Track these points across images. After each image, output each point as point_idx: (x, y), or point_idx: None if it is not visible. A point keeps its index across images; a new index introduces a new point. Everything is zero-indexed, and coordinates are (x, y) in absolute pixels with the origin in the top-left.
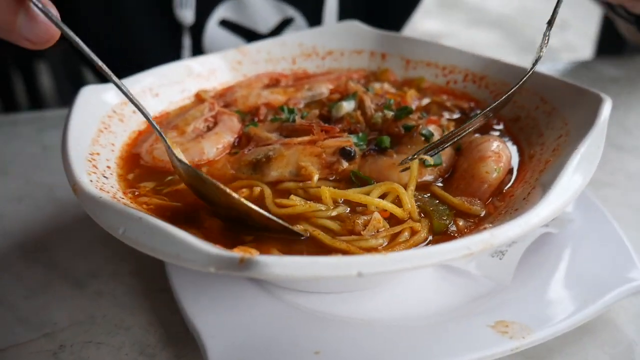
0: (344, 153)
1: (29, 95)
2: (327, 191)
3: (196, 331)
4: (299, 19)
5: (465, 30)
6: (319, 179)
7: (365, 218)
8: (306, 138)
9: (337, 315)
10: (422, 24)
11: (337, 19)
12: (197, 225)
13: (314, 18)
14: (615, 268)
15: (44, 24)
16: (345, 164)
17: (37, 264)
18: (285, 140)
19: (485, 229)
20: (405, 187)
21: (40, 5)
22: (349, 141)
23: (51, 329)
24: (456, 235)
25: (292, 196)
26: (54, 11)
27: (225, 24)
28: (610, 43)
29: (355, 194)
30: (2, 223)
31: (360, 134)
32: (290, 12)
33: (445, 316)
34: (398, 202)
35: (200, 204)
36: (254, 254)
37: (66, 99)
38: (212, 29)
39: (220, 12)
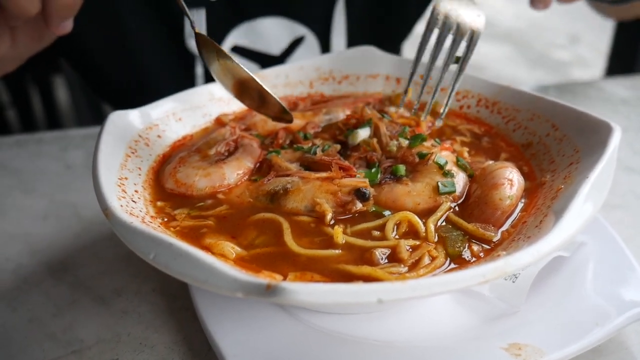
0: (359, 194)
1: (46, 109)
2: (340, 232)
3: (219, 350)
4: (309, 36)
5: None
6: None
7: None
8: (324, 174)
9: (355, 336)
10: (432, 38)
11: (345, 35)
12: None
13: (324, 35)
14: (626, 291)
15: None
16: (359, 205)
17: (63, 282)
18: (304, 174)
19: (499, 256)
20: (422, 213)
21: None
22: (365, 182)
23: (79, 346)
24: (471, 259)
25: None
26: None
27: (237, 49)
28: (621, 61)
29: (368, 241)
30: (29, 241)
31: (373, 170)
32: (301, 30)
33: (459, 338)
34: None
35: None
36: (278, 280)
37: (82, 113)
38: None
39: (232, 39)
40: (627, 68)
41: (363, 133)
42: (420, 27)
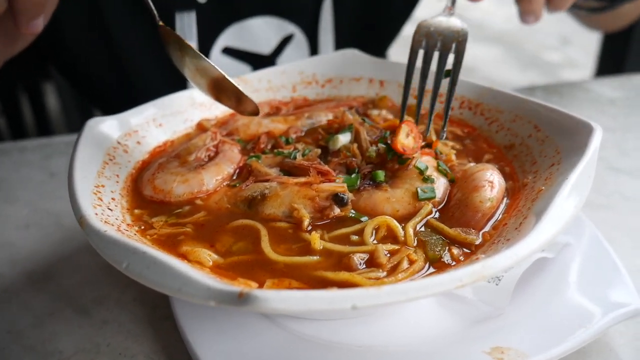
0: (337, 199)
1: (35, 116)
2: (317, 238)
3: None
4: (298, 34)
5: (467, 46)
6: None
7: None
8: (302, 179)
9: (337, 342)
10: None
11: (333, 32)
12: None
13: (312, 32)
14: (611, 292)
15: None
16: (337, 210)
17: (44, 292)
18: (282, 179)
19: (478, 259)
20: (401, 219)
21: None
22: (344, 187)
23: (58, 357)
24: (451, 263)
25: None
26: None
27: (228, 51)
28: (610, 62)
29: (346, 247)
30: (10, 251)
31: (353, 175)
32: (290, 28)
33: (443, 342)
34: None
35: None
36: (253, 288)
37: (72, 119)
38: (216, 58)
39: (223, 41)
40: (616, 69)
41: (343, 138)
42: (408, 29)
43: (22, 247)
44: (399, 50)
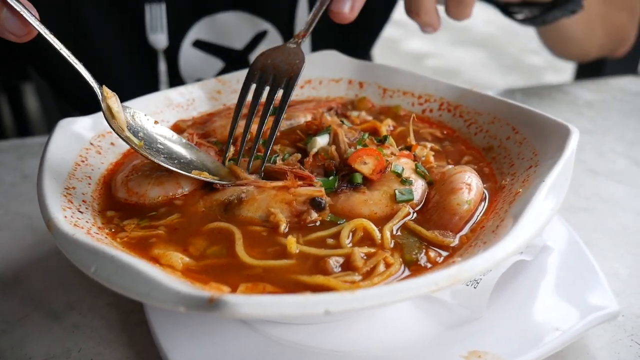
0: (314, 204)
1: (15, 117)
2: (293, 242)
3: None
4: (272, 31)
5: (450, 49)
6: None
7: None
8: (280, 183)
9: (315, 347)
10: (407, 43)
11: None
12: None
13: (287, 30)
14: (588, 295)
15: (23, 20)
16: (314, 215)
17: (14, 296)
18: (260, 183)
19: (454, 262)
20: (379, 221)
21: (19, 7)
22: (321, 191)
23: None
24: (427, 265)
25: None
26: (33, 12)
27: (199, 44)
28: (590, 65)
29: (322, 250)
30: None
31: (331, 178)
32: (264, 25)
33: (421, 346)
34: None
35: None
36: (225, 292)
37: (52, 120)
38: (187, 51)
39: (194, 34)
40: (595, 72)
41: (321, 141)
42: (389, 31)
43: None
44: (382, 53)
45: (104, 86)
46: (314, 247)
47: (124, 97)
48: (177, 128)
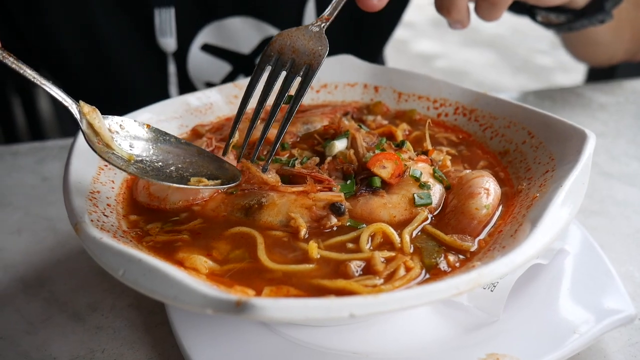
0: (334, 209)
1: (28, 119)
2: (315, 248)
3: None
4: None
5: (459, 50)
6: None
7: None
8: (299, 188)
9: (333, 348)
10: (416, 44)
11: None
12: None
13: None
14: (604, 298)
15: None
16: (334, 220)
17: (37, 298)
18: (280, 188)
19: (474, 267)
20: (398, 225)
21: None
22: (340, 196)
23: None
24: (447, 269)
25: None
26: None
27: (207, 48)
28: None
29: (343, 254)
30: (2, 256)
31: (349, 182)
32: (271, 30)
33: (438, 349)
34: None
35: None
36: (250, 296)
37: (65, 123)
38: (195, 54)
39: (202, 38)
40: (607, 74)
41: (340, 144)
42: (397, 31)
43: (14, 252)
44: (393, 55)
45: (80, 101)
46: (334, 251)
47: (135, 96)
48: (196, 133)
